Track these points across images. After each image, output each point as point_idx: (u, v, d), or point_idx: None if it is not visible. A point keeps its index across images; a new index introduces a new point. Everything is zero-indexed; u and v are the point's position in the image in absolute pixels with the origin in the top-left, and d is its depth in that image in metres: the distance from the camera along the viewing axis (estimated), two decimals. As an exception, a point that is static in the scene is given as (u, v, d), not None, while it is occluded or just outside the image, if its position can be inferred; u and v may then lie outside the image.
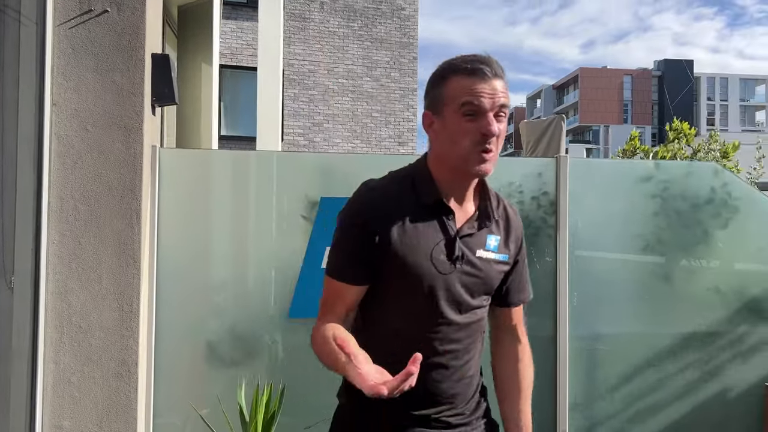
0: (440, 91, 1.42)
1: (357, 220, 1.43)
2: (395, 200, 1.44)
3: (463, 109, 1.38)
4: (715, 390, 2.96)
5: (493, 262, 1.47)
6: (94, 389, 2.44)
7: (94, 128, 2.46)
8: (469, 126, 1.38)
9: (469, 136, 1.39)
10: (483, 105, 1.37)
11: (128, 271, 2.46)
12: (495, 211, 1.50)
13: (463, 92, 1.38)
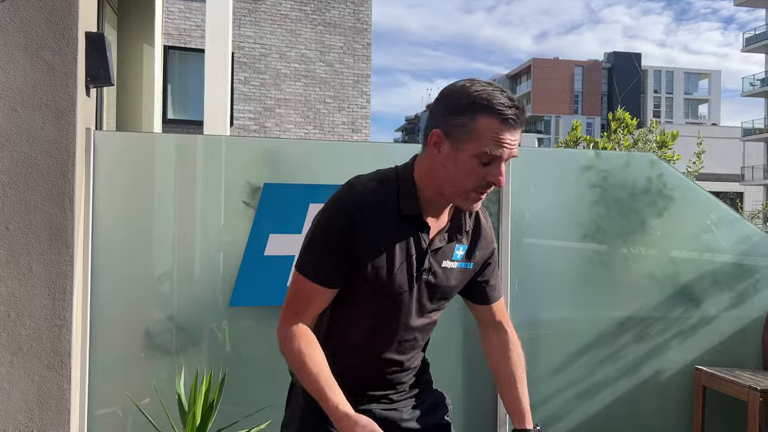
0: (467, 125, 1.37)
1: (337, 226, 1.42)
2: (377, 208, 1.44)
3: (482, 155, 1.37)
4: (650, 372, 3.07)
5: (455, 270, 1.51)
6: (24, 380, 2.35)
7: (23, 109, 2.36)
8: (479, 170, 1.38)
9: (475, 179, 1.39)
10: (502, 156, 1.37)
11: (60, 258, 2.37)
12: (467, 222, 1.52)
13: (490, 138, 1.35)
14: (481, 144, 1.36)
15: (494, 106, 1.35)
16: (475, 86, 1.38)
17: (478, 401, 2.89)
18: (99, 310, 2.52)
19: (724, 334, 3.14)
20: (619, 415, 3.06)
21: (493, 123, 1.35)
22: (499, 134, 1.36)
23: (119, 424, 2.51)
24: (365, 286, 1.47)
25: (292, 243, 2.67)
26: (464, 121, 1.36)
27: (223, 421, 2.43)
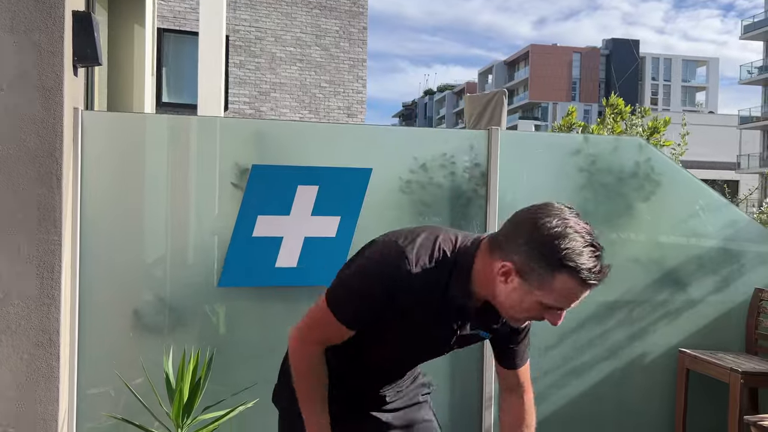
0: (545, 277, 1.32)
1: (380, 292, 1.43)
2: (424, 291, 1.42)
3: (549, 306, 1.35)
4: (635, 354, 3.11)
5: (473, 337, 1.57)
6: (13, 358, 2.37)
7: (9, 89, 2.35)
8: (539, 311, 1.37)
9: (533, 316, 1.39)
10: (568, 307, 1.37)
11: (49, 237, 2.38)
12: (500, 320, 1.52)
13: (565, 297, 1.33)
14: (552, 297, 1.33)
15: (580, 270, 1.29)
16: (568, 242, 1.30)
17: (463, 413, 2.93)
18: (87, 289, 2.54)
19: (709, 318, 3.17)
20: (604, 397, 3.10)
21: (572, 283, 1.31)
22: (574, 294, 1.33)
23: (109, 401, 2.54)
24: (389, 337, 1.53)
25: (280, 224, 2.69)
26: (543, 273, 1.31)
27: (210, 400, 2.46)
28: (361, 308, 1.45)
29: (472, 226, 2.90)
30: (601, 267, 1.32)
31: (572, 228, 1.32)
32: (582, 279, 1.29)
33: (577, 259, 1.29)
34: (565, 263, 1.29)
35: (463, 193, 2.89)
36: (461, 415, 2.93)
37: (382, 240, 1.48)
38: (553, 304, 1.34)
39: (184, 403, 2.29)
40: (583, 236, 1.32)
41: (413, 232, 1.47)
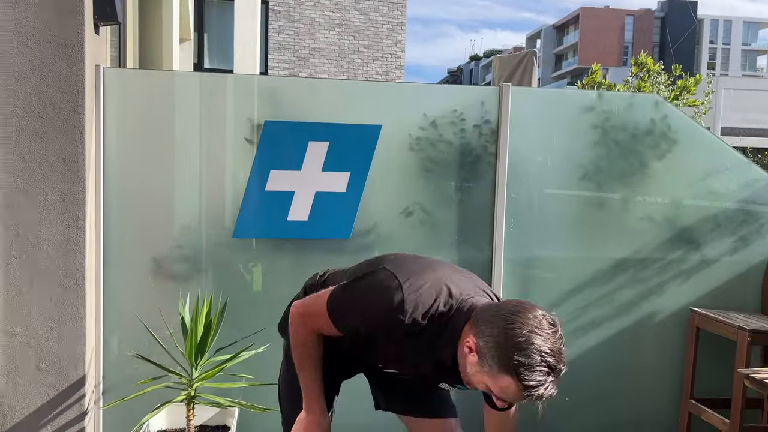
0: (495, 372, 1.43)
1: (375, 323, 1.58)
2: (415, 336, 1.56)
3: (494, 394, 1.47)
4: (645, 313, 3.12)
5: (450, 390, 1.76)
6: (44, 299, 2.56)
7: (35, 45, 2.49)
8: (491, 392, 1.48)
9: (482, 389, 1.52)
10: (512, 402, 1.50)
11: (73, 187, 2.54)
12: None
13: (505, 395, 1.43)
14: (496, 389, 1.44)
15: (524, 383, 1.38)
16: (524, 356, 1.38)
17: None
18: (110, 237, 2.70)
19: (724, 278, 3.14)
20: (614, 353, 3.13)
21: (513, 388, 1.41)
22: (515, 396, 1.42)
23: (130, 341, 2.71)
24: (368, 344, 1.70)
25: (292, 178, 2.78)
26: (495, 367, 1.42)
27: (223, 342, 2.61)
28: (355, 322, 1.62)
29: (481, 183, 2.94)
30: (547, 388, 1.39)
31: (536, 345, 1.38)
32: (526, 392, 1.39)
33: (523, 373, 1.38)
34: (511, 371, 1.39)
35: (473, 150, 2.92)
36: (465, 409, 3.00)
37: (389, 272, 1.58)
38: (498, 395, 1.45)
39: (197, 344, 2.44)
40: (542, 355, 1.38)
41: (421, 276, 1.57)
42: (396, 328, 1.53)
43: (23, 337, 2.54)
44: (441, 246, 2.90)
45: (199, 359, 2.48)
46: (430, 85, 3.02)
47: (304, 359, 1.70)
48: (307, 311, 1.68)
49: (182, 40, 7.74)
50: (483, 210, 2.93)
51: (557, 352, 1.40)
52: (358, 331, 1.63)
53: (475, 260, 2.92)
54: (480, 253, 2.94)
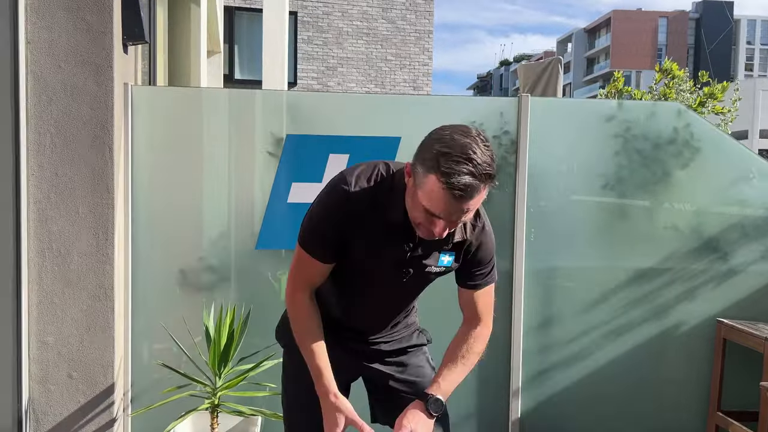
0: (420, 175, 1.42)
1: (330, 220, 1.60)
2: (370, 208, 1.56)
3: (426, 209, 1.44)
4: (669, 323, 3.08)
5: (442, 271, 1.67)
6: (74, 310, 2.65)
7: (67, 66, 2.59)
8: (424, 217, 1.46)
9: (423, 221, 1.48)
10: (443, 218, 1.43)
11: (103, 201, 2.63)
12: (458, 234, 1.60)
13: (430, 201, 1.40)
14: (426, 199, 1.41)
15: (443, 173, 1.35)
16: (448, 149, 1.36)
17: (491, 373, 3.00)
18: (139, 249, 2.78)
19: (751, 288, 3.09)
20: (639, 363, 3.09)
21: (437, 189, 1.37)
22: (440, 202, 1.38)
23: (157, 350, 2.79)
24: (348, 272, 1.67)
25: (313, 191, 2.81)
26: (421, 172, 1.40)
27: (246, 352, 2.66)
28: (324, 240, 1.61)
29: (501, 194, 2.95)
30: (469, 183, 1.34)
31: (460, 142, 1.36)
32: (446, 186, 1.35)
33: (443, 163, 1.35)
34: (433, 165, 1.36)
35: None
36: (489, 377, 3.01)
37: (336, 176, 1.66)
38: (429, 208, 1.41)
39: (220, 353, 2.50)
40: (469, 153, 1.34)
41: (357, 164, 1.63)
42: (351, 206, 1.54)
43: (55, 346, 2.64)
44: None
45: (222, 368, 2.54)
46: (448, 97, 3.05)
47: (304, 337, 1.67)
48: (293, 267, 1.69)
49: (212, 53, 7.90)
50: (503, 220, 2.93)
51: (482, 153, 1.36)
52: (330, 243, 1.60)
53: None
54: (501, 263, 2.94)
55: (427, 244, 1.58)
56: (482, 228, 1.66)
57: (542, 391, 3.02)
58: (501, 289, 2.95)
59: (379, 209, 1.56)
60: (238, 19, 13.18)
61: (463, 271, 1.70)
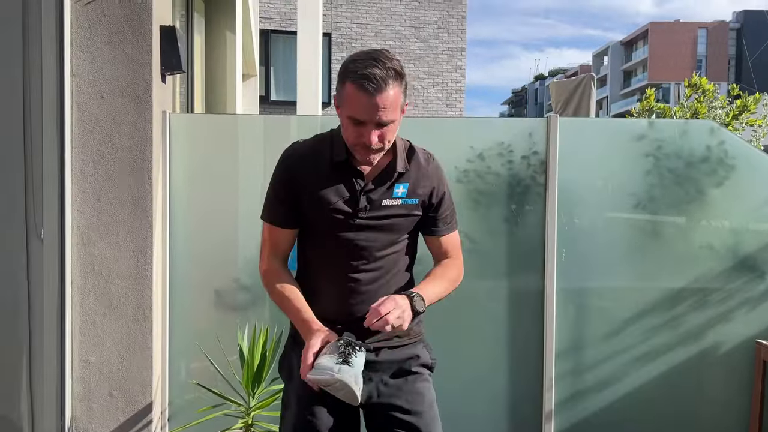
0: (340, 91, 1.60)
1: (280, 176, 1.72)
2: (313, 159, 1.70)
3: (351, 118, 1.58)
4: (706, 345, 3.02)
5: (401, 207, 1.69)
6: (115, 330, 2.75)
7: (109, 96, 2.72)
8: (354, 129, 1.59)
9: (354, 138, 1.61)
10: (365, 121, 1.57)
11: (142, 225, 2.73)
12: (399, 164, 1.69)
13: (351, 105, 1.57)
14: (348, 109, 1.57)
15: (351, 71, 1.54)
16: (354, 56, 1.59)
17: (524, 395, 2.99)
18: (176, 271, 2.87)
19: (792, 309, 3.01)
20: (677, 385, 3.04)
21: (352, 90, 1.55)
22: (357, 102, 1.54)
23: (193, 369, 2.87)
24: (310, 228, 1.72)
25: (344, 213, 2.89)
26: (339, 87, 1.60)
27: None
28: (280, 203, 1.73)
29: (530, 214, 2.95)
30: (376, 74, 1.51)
31: (365, 52, 1.59)
32: (353, 78, 1.53)
33: (352, 67, 1.55)
34: (344, 70, 1.57)
35: (522, 181, 2.95)
36: (522, 398, 3.00)
37: None
38: (354, 116, 1.56)
39: (254, 373, 2.55)
40: (373, 55, 1.56)
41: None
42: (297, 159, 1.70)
43: (97, 366, 2.73)
44: (490, 276, 2.93)
45: (256, 388, 2.59)
46: (476, 119, 3.08)
47: (287, 304, 1.71)
48: (261, 251, 1.78)
49: (247, 76, 8.09)
50: (533, 240, 2.94)
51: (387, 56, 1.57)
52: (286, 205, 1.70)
53: (527, 290, 2.93)
54: (531, 283, 2.95)
55: (377, 180, 1.67)
56: (432, 158, 1.78)
57: (576, 414, 2.99)
58: (532, 308, 2.95)
59: (321, 156, 1.69)
60: (274, 42, 13.48)
61: (427, 215, 1.75)
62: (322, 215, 1.68)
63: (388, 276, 1.74)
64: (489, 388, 3.00)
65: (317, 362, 1.54)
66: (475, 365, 2.98)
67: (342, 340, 1.59)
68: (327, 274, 1.74)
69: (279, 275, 1.75)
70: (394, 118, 1.59)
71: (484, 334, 3.01)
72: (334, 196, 1.67)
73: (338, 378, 1.50)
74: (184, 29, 4.30)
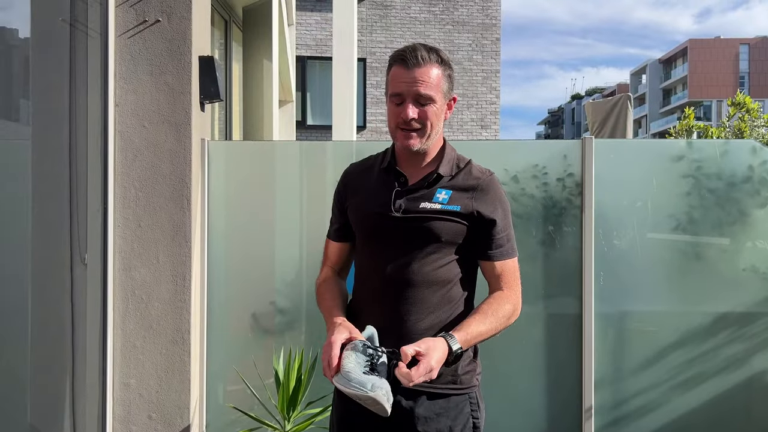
0: (387, 78, 1.73)
1: (335, 192, 1.86)
2: (364, 172, 1.81)
3: (392, 97, 1.67)
4: (751, 372, 2.91)
5: (439, 212, 1.67)
6: (154, 353, 2.80)
7: (150, 125, 2.80)
8: (395, 110, 1.68)
9: (394, 119, 1.68)
10: (403, 94, 1.64)
11: (181, 250, 2.79)
12: (444, 169, 1.72)
13: (393, 83, 1.67)
14: (390, 88, 1.69)
15: (397, 55, 1.67)
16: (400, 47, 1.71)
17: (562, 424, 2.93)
18: (213, 295, 2.92)
19: None
20: (723, 413, 2.93)
21: (394, 69, 1.67)
22: (398, 76, 1.65)
23: (230, 392, 2.89)
24: (357, 234, 1.78)
25: (378, 236, 2.90)
26: (387, 76, 1.73)
27: (314, 396, 2.72)
28: (334, 218, 1.87)
29: (567, 237, 2.92)
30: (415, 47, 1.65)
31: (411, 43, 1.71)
32: (395, 57, 1.66)
33: (400, 51, 1.67)
34: (391, 58, 1.69)
35: (557, 203, 2.92)
36: (560, 427, 2.93)
37: None
38: (393, 90, 1.66)
39: (289, 397, 2.57)
40: (421, 43, 1.70)
41: None
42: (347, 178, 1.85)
43: (137, 388, 2.78)
44: (526, 300, 2.85)
45: (291, 412, 2.60)
46: (510, 141, 3.07)
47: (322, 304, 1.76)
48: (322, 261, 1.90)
49: (284, 102, 8.24)
50: (570, 263, 2.89)
51: (431, 45, 1.69)
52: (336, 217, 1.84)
53: (564, 314, 2.88)
54: (569, 307, 2.90)
55: (419, 183, 1.71)
56: (489, 174, 1.78)
57: (617, 441, 2.91)
58: (569, 333, 2.90)
59: (372, 167, 1.80)
60: (310, 68, 13.73)
61: (478, 232, 1.69)
62: (361, 218, 1.76)
63: (429, 292, 1.66)
64: (526, 416, 2.95)
65: (346, 370, 1.50)
66: (511, 392, 2.93)
67: (365, 342, 1.55)
68: (370, 287, 1.74)
69: (325, 280, 1.84)
70: (433, 96, 1.64)
71: (520, 360, 2.96)
72: (374, 197, 1.74)
73: (371, 396, 1.48)
74: (222, 58, 4.43)
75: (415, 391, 1.64)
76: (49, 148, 2.76)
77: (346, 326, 1.59)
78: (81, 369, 2.77)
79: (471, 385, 1.71)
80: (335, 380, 1.53)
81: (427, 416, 1.65)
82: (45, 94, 2.74)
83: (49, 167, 2.75)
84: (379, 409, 1.52)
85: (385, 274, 1.67)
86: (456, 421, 1.66)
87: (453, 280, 1.69)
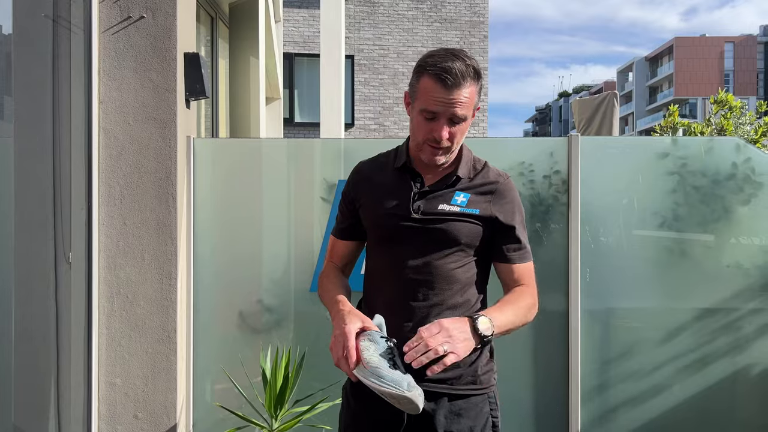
0: (415, 85, 1.62)
1: (343, 190, 1.81)
2: (375, 170, 1.77)
3: (424, 112, 1.59)
4: (736, 366, 2.94)
5: (458, 214, 1.65)
6: (140, 352, 2.78)
7: (135, 122, 2.78)
8: (425, 125, 1.60)
9: (423, 134, 1.61)
10: (438, 114, 1.57)
11: (167, 248, 2.77)
12: (463, 171, 1.69)
13: (426, 97, 1.57)
14: (422, 101, 1.57)
15: (430, 64, 1.56)
16: (432, 51, 1.61)
17: (549, 418, 2.95)
18: (200, 293, 2.90)
19: (827, 329, 2.92)
20: (709, 406, 2.95)
21: (428, 81, 1.56)
22: (433, 93, 1.55)
23: (218, 392, 2.88)
24: (371, 233, 1.74)
25: (365, 234, 2.89)
26: (414, 82, 1.62)
27: (302, 394, 2.71)
28: (341, 216, 1.84)
29: (553, 234, 2.93)
30: (453, 66, 1.53)
31: (446, 49, 1.60)
32: (431, 71, 1.55)
33: (430, 61, 1.57)
34: (421, 64, 1.59)
35: (543, 200, 2.93)
36: (547, 423, 2.94)
37: None
38: (424, 107, 1.57)
39: (276, 395, 2.56)
40: (453, 52, 1.58)
41: None
42: (357, 176, 1.79)
43: (122, 388, 2.76)
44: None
45: (278, 410, 2.59)
46: (496, 139, 3.07)
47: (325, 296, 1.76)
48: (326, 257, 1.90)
49: (271, 100, 8.21)
50: (557, 260, 2.90)
51: (467, 56, 1.58)
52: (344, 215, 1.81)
53: (551, 310, 2.89)
54: (555, 303, 2.91)
55: (437, 184, 1.67)
56: (506, 177, 1.75)
57: (603, 437, 2.93)
58: (556, 329, 2.91)
59: (384, 166, 1.76)
60: (297, 64, 13.67)
61: (495, 235, 1.68)
62: (377, 219, 1.70)
63: (448, 293, 1.65)
64: (513, 411, 2.96)
65: (374, 365, 1.44)
66: (499, 387, 2.94)
67: (381, 332, 1.52)
68: (385, 288, 1.70)
69: (327, 274, 1.82)
70: (467, 116, 1.59)
71: (506, 356, 2.96)
72: (390, 198, 1.69)
73: (408, 396, 1.42)
74: (208, 55, 4.39)
75: (435, 392, 1.63)
76: (32, 146, 2.73)
77: (356, 314, 1.57)
78: (66, 368, 2.75)
79: (490, 385, 1.73)
80: (360, 374, 1.46)
81: (447, 417, 1.64)
82: (27, 91, 2.71)
83: (32, 165, 2.72)
84: (411, 408, 1.46)
85: (403, 276, 1.65)
86: (476, 422, 1.66)
87: (470, 281, 1.69)
